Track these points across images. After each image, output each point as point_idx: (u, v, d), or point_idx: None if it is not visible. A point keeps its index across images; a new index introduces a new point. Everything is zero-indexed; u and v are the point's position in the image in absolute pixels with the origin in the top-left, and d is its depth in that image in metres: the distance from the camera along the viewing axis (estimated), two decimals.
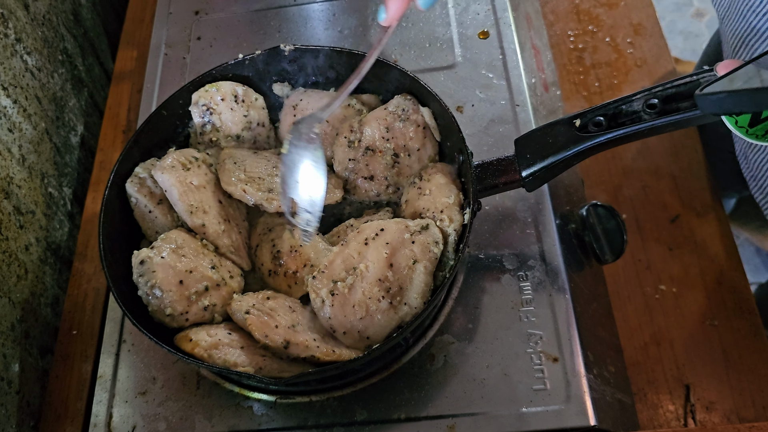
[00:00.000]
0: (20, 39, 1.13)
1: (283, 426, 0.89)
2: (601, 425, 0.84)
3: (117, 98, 1.32)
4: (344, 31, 1.24)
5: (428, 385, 0.89)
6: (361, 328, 0.83)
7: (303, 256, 0.90)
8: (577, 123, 0.81)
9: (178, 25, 1.31)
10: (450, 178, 0.91)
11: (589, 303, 0.98)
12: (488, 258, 0.97)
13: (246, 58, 1.02)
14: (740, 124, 0.62)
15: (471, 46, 1.17)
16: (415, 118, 0.95)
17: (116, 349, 0.98)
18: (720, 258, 1.12)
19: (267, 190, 0.91)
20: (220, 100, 1.00)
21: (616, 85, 1.32)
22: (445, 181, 0.90)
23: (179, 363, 0.96)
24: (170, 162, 0.91)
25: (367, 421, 0.88)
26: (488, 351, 0.90)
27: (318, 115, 0.88)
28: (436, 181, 0.90)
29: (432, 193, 0.89)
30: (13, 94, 1.09)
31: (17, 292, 1.01)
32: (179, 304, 0.84)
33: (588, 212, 1.01)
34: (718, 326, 1.06)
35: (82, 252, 1.14)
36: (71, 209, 1.21)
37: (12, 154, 1.05)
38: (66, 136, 1.24)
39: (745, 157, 1.11)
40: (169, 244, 0.86)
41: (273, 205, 0.91)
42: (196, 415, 0.91)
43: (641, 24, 1.38)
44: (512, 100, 1.09)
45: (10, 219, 1.02)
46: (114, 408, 0.94)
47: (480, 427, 0.85)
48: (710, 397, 1.01)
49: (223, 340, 0.81)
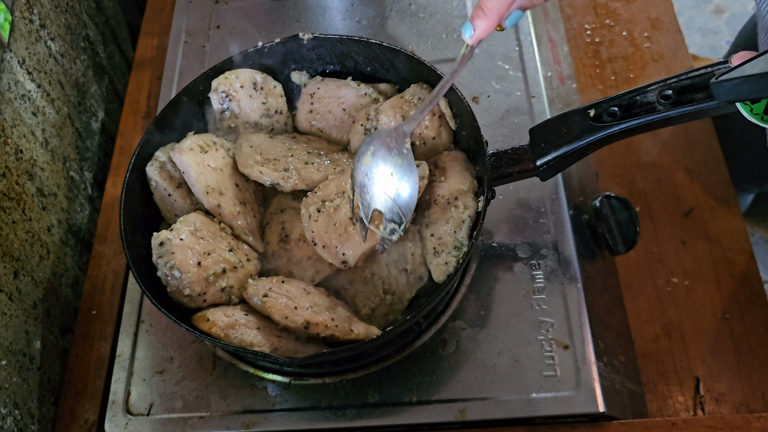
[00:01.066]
0: (44, 25, 1.16)
1: (297, 407, 0.91)
2: (610, 412, 0.85)
3: (137, 85, 1.34)
4: (362, 22, 1.25)
5: (440, 370, 0.90)
6: (339, 245, 0.88)
7: (311, 248, 0.92)
8: (591, 113, 0.82)
9: (198, 13, 1.33)
10: (465, 165, 0.92)
11: (600, 293, 0.99)
12: (501, 246, 0.98)
13: (265, 47, 1.04)
14: (755, 111, 0.62)
15: (487, 37, 1.17)
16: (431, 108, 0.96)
17: (134, 330, 1.01)
18: (733, 252, 1.12)
19: (283, 170, 0.93)
20: (239, 87, 1.01)
21: (632, 79, 1.32)
22: (460, 168, 0.91)
23: (195, 343, 0.98)
24: (189, 144, 0.93)
25: (379, 403, 0.89)
26: (500, 337, 0.91)
27: (404, 128, 0.86)
28: (451, 168, 0.91)
29: (447, 180, 0.90)
30: (37, 78, 1.11)
31: (39, 271, 1.03)
32: (197, 285, 0.86)
33: (601, 203, 1.02)
34: (730, 320, 1.07)
35: (102, 235, 1.16)
36: (91, 193, 1.24)
37: (36, 137, 1.08)
38: (87, 122, 1.26)
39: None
40: (187, 226, 0.88)
41: (289, 183, 0.93)
42: (211, 395, 0.93)
43: (659, 18, 1.38)
44: (528, 92, 1.10)
45: (34, 200, 1.05)
46: (132, 386, 0.96)
47: (490, 411, 0.86)
48: (720, 389, 1.01)
49: (240, 321, 0.83)
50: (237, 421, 0.91)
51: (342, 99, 1.02)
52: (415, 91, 0.97)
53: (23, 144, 1.04)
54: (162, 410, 0.94)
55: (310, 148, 0.99)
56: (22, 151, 1.04)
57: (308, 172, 0.94)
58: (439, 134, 0.96)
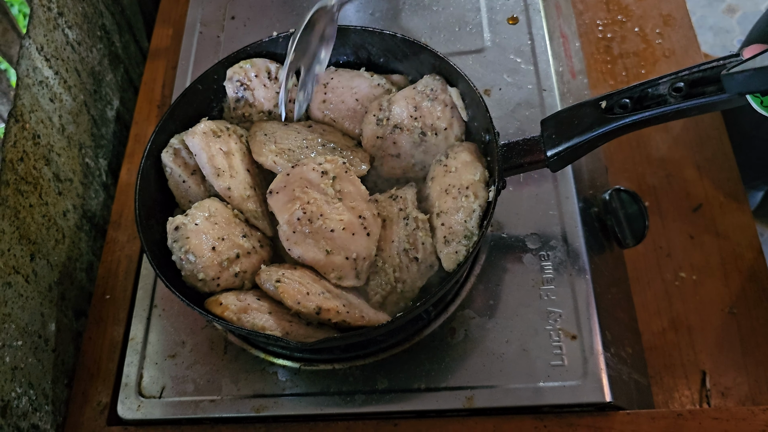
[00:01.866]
0: (62, 13, 1.17)
1: (307, 392, 0.92)
2: (616, 402, 0.85)
3: (152, 74, 1.36)
4: (375, 14, 1.26)
5: (448, 358, 0.91)
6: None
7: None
8: (603, 105, 0.83)
9: (213, 4, 1.34)
10: (476, 156, 0.93)
11: (608, 285, 1.00)
12: (511, 237, 0.99)
13: (280, 36, 1.05)
14: (765, 104, 0.63)
15: (500, 31, 1.18)
16: (443, 98, 0.97)
17: (147, 314, 1.02)
18: (741, 247, 1.13)
19: (296, 161, 0.94)
20: (254, 77, 1.03)
21: (643, 75, 1.32)
22: (471, 158, 0.92)
23: (207, 328, 0.99)
24: (202, 128, 0.94)
25: (388, 389, 0.90)
26: (508, 327, 0.92)
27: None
28: (462, 158, 0.92)
29: (458, 170, 0.91)
30: (55, 65, 1.12)
31: (55, 255, 1.05)
32: (211, 270, 0.87)
33: (611, 196, 1.03)
34: (737, 314, 1.07)
35: (117, 221, 1.18)
36: (106, 180, 1.25)
37: (53, 123, 1.09)
38: (103, 110, 1.28)
39: None
40: (202, 211, 0.90)
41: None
42: (222, 379, 0.95)
43: (671, 15, 1.38)
44: (539, 85, 1.11)
45: (50, 185, 1.06)
46: (144, 369, 0.98)
47: (498, 399, 0.87)
48: (726, 383, 1.02)
49: (252, 305, 0.84)
50: (247, 405, 0.92)
51: (355, 89, 1.03)
52: (428, 82, 0.98)
53: (41, 129, 1.06)
54: (174, 393, 0.95)
55: (325, 140, 1.00)
56: (40, 137, 1.05)
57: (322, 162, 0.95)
58: (451, 125, 0.97)
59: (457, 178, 0.90)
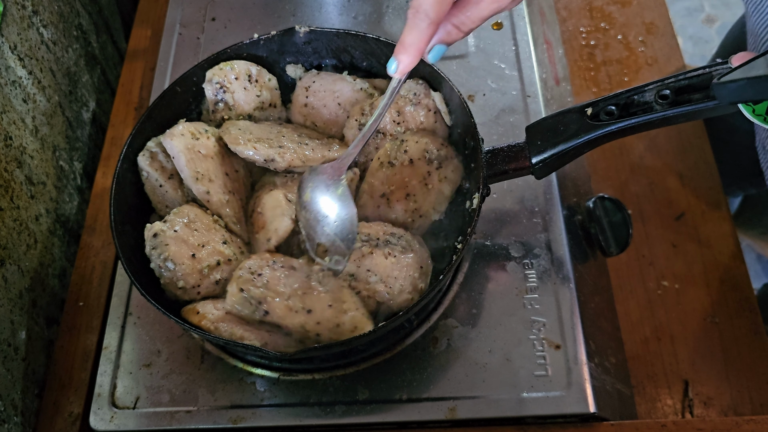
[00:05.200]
0: (37, 11, 1.14)
1: (285, 402, 0.90)
2: (600, 413, 0.84)
3: (130, 75, 1.33)
4: (359, 17, 1.25)
5: (431, 368, 0.90)
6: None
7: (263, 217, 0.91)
8: (588, 111, 0.82)
9: (193, 5, 1.32)
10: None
11: (592, 294, 0.99)
12: (494, 245, 0.98)
13: (261, 39, 1.03)
14: (757, 112, 0.62)
15: (484, 36, 1.17)
16: (426, 103, 0.96)
17: (122, 322, 0.99)
18: (723, 256, 1.13)
19: (278, 146, 0.92)
20: (233, 79, 1.00)
21: (626, 82, 1.32)
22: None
23: (184, 337, 0.97)
24: (180, 130, 0.92)
25: (368, 400, 0.88)
26: (491, 336, 0.91)
27: (340, 162, 0.86)
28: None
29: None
30: (29, 65, 1.09)
31: (26, 260, 1.02)
32: (191, 278, 0.85)
33: (595, 204, 1.02)
34: (719, 323, 1.07)
35: (91, 226, 1.15)
36: (81, 184, 1.22)
37: (26, 124, 1.06)
38: (78, 111, 1.25)
39: (763, 147, 1.12)
40: (181, 218, 0.87)
41: (285, 158, 0.92)
42: (199, 389, 0.92)
43: (653, 23, 1.38)
44: (524, 91, 1.10)
45: (22, 188, 1.03)
46: (118, 379, 0.95)
47: (480, 410, 0.86)
48: (708, 393, 1.02)
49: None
50: (224, 416, 0.90)
51: (337, 93, 1.02)
52: (411, 87, 0.97)
53: (13, 131, 1.03)
54: (148, 404, 0.92)
55: (299, 133, 0.98)
56: (12, 138, 1.02)
57: (303, 150, 0.93)
58: (434, 130, 0.96)
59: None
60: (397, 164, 0.92)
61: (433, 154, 0.91)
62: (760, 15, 1.04)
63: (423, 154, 0.91)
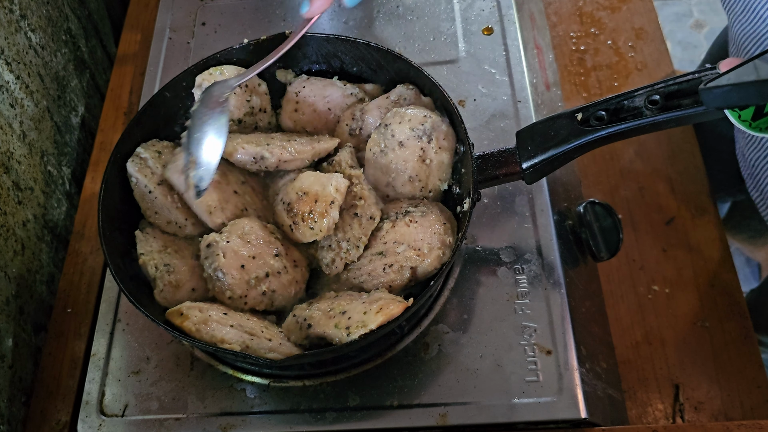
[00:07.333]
0: (25, 15, 1.13)
1: (276, 409, 0.89)
2: (591, 418, 0.84)
3: (119, 80, 1.32)
4: (349, 22, 1.25)
5: (421, 374, 0.89)
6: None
7: (310, 194, 0.90)
8: (579, 117, 0.82)
9: (183, 10, 1.31)
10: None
11: (583, 299, 0.99)
12: (485, 250, 0.98)
13: (251, 43, 1.02)
14: (743, 118, 0.63)
15: (475, 41, 1.17)
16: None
17: (110, 329, 0.98)
18: (713, 261, 1.13)
19: (266, 144, 0.93)
20: None
21: (616, 87, 1.33)
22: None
23: (173, 343, 0.96)
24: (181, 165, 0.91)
25: (359, 406, 0.88)
26: (482, 342, 0.90)
27: (231, 82, 0.92)
28: None
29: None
30: (16, 69, 1.08)
31: (13, 267, 1.01)
32: (238, 288, 0.86)
33: (585, 209, 1.02)
34: (710, 328, 1.07)
35: (80, 231, 1.14)
36: (69, 189, 1.21)
37: (13, 129, 1.05)
38: (67, 116, 1.24)
39: (743, 155, 1.13)
40: (236, 231, 0.89)
41: (275, 154, 0.92)
42: (188, 396, 0.92)
43: (643, 28, 1.39)
44: (514, 96, 1.10)
45: (9, 194, 1.02)
46: (106, 386, 0.94)
47: (472, 416, 0.85)
48: (699, 397, 1.02)
49: (213, 317, 0.82)
50: (214, 424, 0.89)
51: (327, 98, 1.01)
52: (402, 92, 0.97)
53: (0, 136, 1.02)
54: (137, 411, 0.91)
55: (288, 137, 0.99)
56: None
57: (292, 144, 0.94)
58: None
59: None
60: (389, 151, 0.92)
61: (419, 130, 0.91)
62: (740, 24, 1.05)
63: (411, 133, 0.91)
